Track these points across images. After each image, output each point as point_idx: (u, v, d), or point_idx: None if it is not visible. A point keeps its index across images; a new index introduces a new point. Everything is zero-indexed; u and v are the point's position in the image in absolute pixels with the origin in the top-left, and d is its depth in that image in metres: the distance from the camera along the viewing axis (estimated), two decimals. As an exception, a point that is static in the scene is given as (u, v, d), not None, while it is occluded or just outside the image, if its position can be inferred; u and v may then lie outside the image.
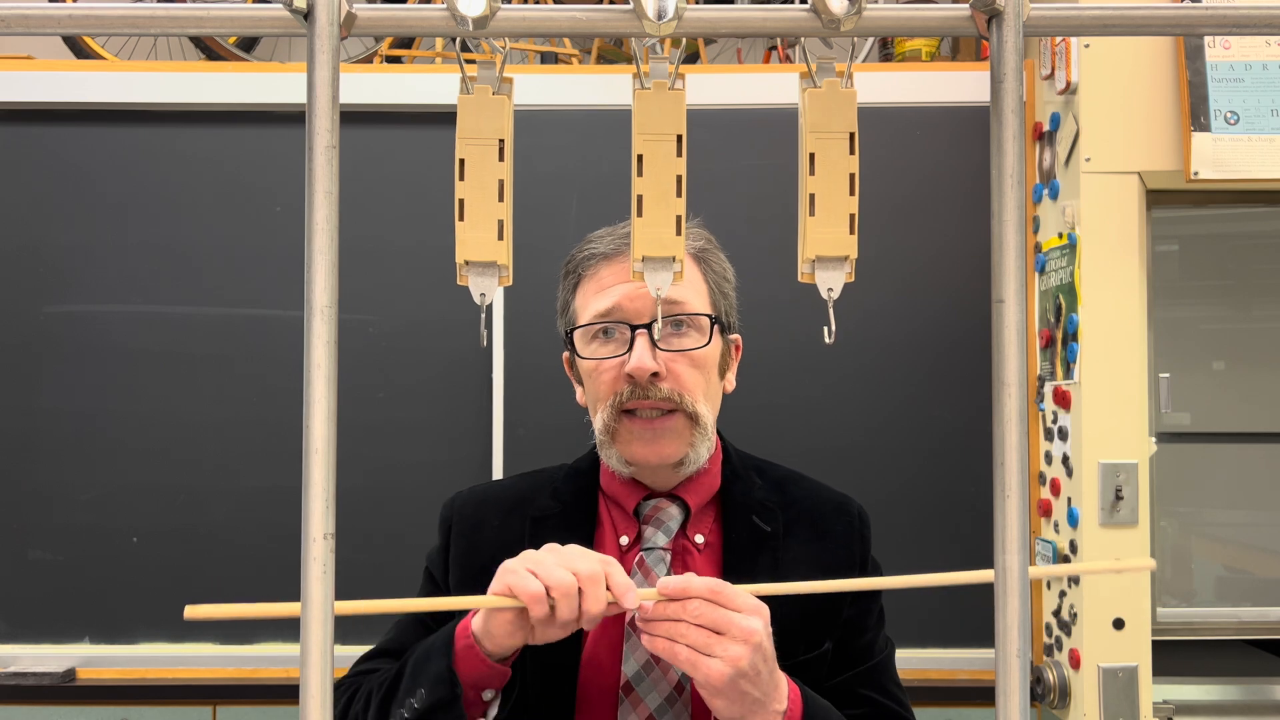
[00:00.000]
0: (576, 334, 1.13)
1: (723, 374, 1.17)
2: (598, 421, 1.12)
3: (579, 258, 1.17)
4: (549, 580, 0.90)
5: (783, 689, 0.98)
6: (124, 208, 2.17)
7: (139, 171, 2.17)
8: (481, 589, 1.06)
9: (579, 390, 1.20)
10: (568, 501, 1.17)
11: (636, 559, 1.11)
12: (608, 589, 0.91)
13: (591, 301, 1.12)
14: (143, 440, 2.14)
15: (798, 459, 1.33)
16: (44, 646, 2.12)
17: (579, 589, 0.90)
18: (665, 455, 1.09)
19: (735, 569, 1.11)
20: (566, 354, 1.21)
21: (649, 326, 1.09)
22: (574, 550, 0.94)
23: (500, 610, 0.93)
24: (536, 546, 1.10)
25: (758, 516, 1.15)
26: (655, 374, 1.07)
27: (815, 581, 0.91)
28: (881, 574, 1.21)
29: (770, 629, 0.95)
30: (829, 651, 1.13)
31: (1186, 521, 2.19)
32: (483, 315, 0.76)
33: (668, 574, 1.10)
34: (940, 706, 2.10)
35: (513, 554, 1.10)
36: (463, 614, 1.02)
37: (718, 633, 0.92)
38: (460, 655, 0.97)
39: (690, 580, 0.93)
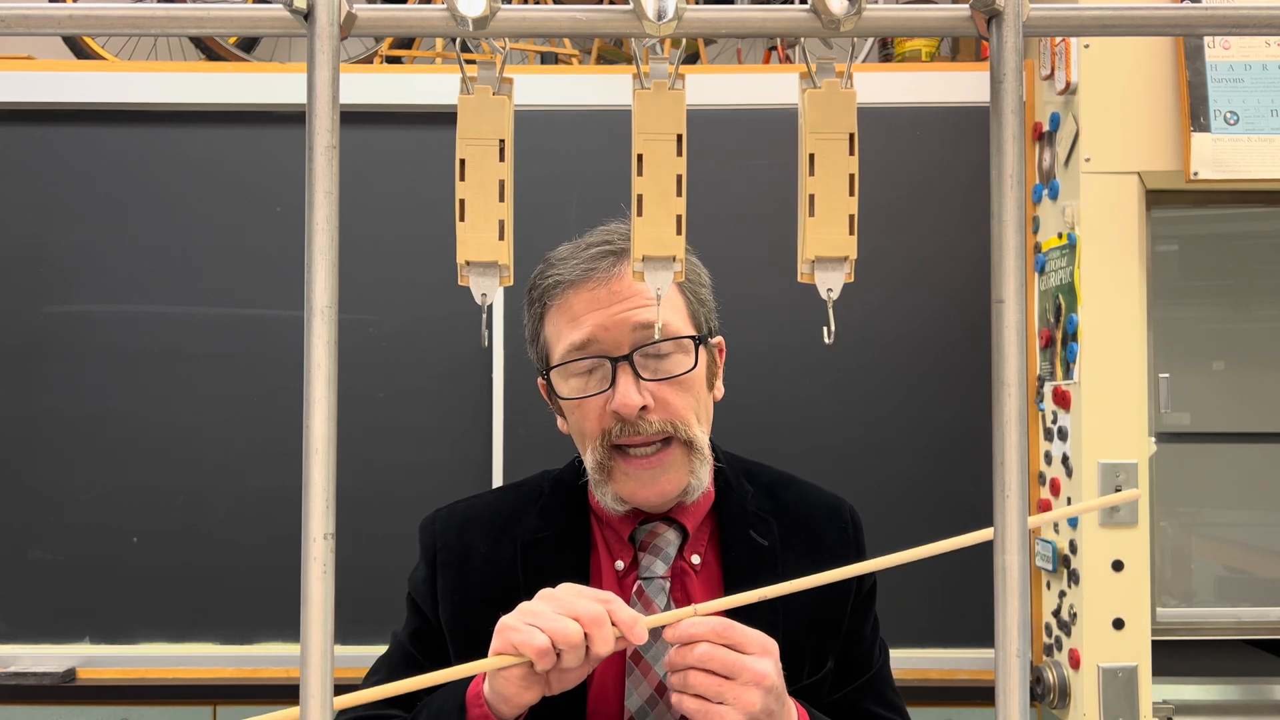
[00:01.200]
0: (553, 373, 1.07)
1: (710, 385, 1.12)
2: (589, 459, 1.06)
3: (543, 285, 1.09)
4: (552, 631, 0.85)
5: (793, 717, 0.96)
6: (124, 208, 2.17)
7: (139, 171, 2.17)
8: (476, 623, 1.01)
9: (560, 421, 1.15)
10: (558, 523, 1.11)
11: (635, 589, 1.07)
12: (613, 624, 0.87)
13: (565, 333, 1.05)
14: (143, 440, 2.14)
15: (796, 459, 1.33)
16: (44, 646, 2.12)
17: (585, 633, 0.85)
18: (667, 493, 1.05)
19: (737, 591, 1.08)
20: (542, 381, 1.14)
21: (629, 358, 1.03)
22: (570, 591, 0.89)
23: (505, 669, 0.88)
24: (529, 574, 1.06)
25: (754, 531, 1.11)
26: (643, 408, 1.02)
27: (810, 576, 0.89)
28: (873, 576, 1.18)
29: (780, 665, 0.93)
30: (831, 670, 1.11)
31: (1186, 521, 2.19)
32: (484, 315, 0.76)
33: (668, 603, 1.06)
34: (940, 706, 2.10)
35: (505, 583, 1.07)
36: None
37: (728, 678, 0.90)
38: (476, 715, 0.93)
39: (695, 625, 0.90)
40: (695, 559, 1.09)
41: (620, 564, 1.09)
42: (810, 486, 1.20)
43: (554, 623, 0.85)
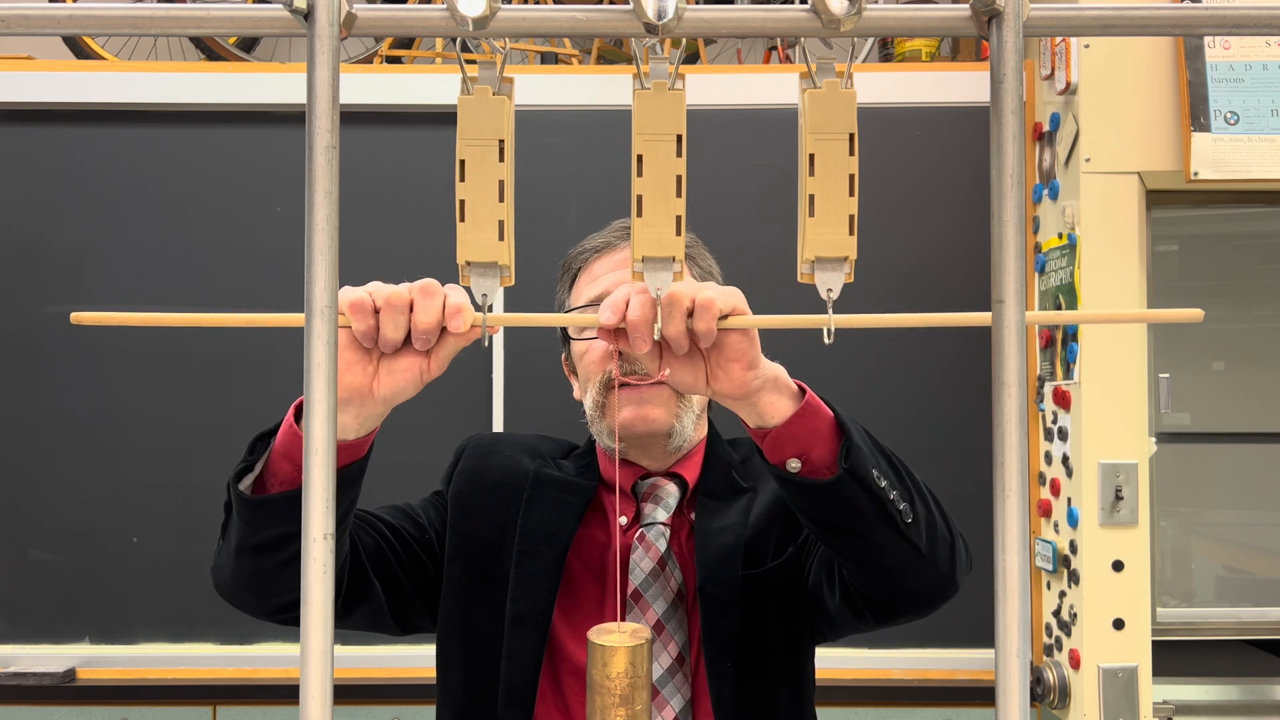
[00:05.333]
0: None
1: None
2: (589, 400, 1.14)
3: (573, 255, 1.21)
4: (378, 291, 0.83)
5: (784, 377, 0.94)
6: (124, 208, 2.17)
7: (139, 171, 2.17)
8: (479, 499, 1.16)
9: (575, 385, 1.22)
10: (572, 475, 1.19)
11: (637, 534, 1.13)
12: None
13: (585, 290, 1.16)
14: (143, 440, 2.14)
15: (797, 459, 1.33)
16: (44, 646, 2.11)
17: (410, 303, 0.82)
18: (652, 420, 1.10)
19: (709, 507, 1.14)
20: (563, 353, 1.24)
21: None
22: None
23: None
24: (536, 496, 1.15)
25: (737, 474, 1.19)
26: None
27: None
28: None
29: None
30: (792, 557, 1.14)
31: (1186, 521, 2.19)
32: (484, 316, 0.76)
33: (667, 548, 1.11)
34: (940, 706, 2.10)
35: (516, 481, 1.16)
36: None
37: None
38: (286, 421, 0.91)
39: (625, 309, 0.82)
40: (694, 516, 1.15)
41: (624, 519, 1.15)
42: None
43: (384, 288, 0.84)
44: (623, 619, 1.09)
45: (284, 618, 1.00)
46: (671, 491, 1.15)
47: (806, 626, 1.16)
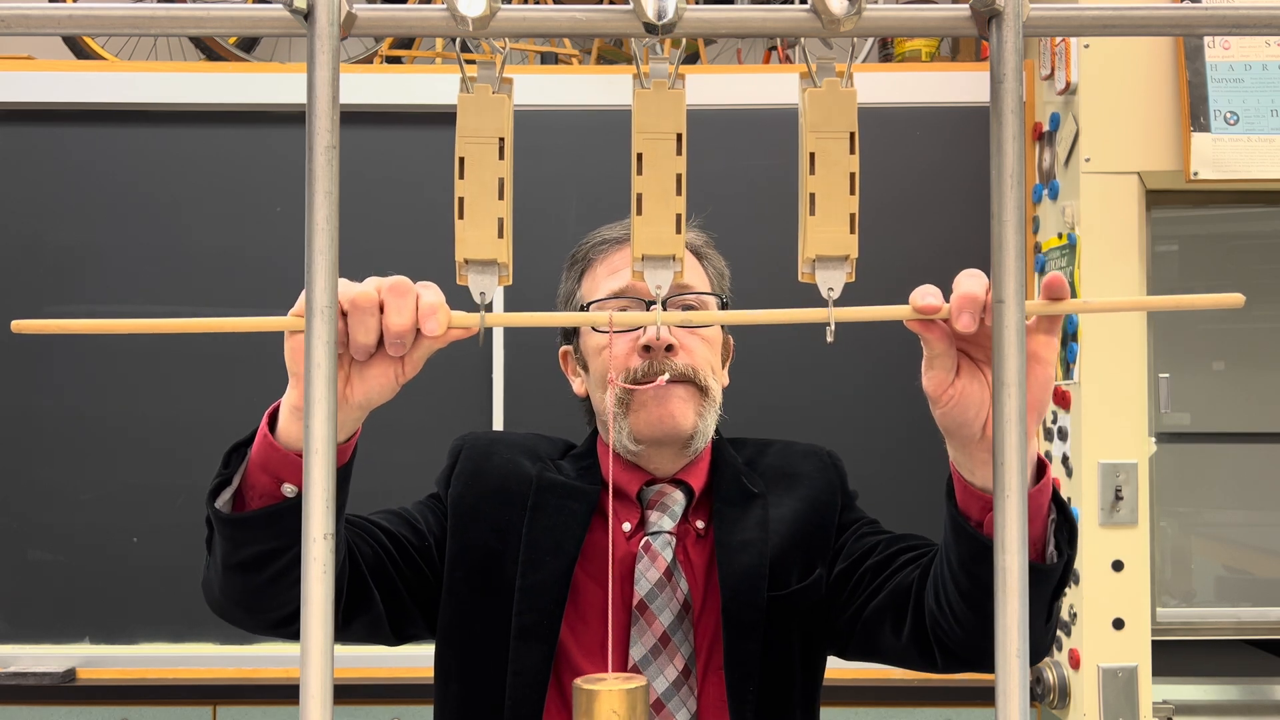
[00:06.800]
0: (590, 310, 1.12)
1: (724, 361, 1.18)
2: (610, 399, 1.09)
3: (587, 246, 1.17)
4: (344, 291, 0.77)
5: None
6: (124, 208, 2.17)
7: (139, 171, 2.17)
8: (482, 505, 1.11)
9: (576, 381, 1.19)
10: (572, 477, 1.15)
11: (642, 542, 1.10)
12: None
13: (603, 282, 1.12)
14: (143, 440, 2.14)
15: (797, 459, 1.33)
16: (44, 646, 2.11)
17: (380, 304, 0.77)
18: (677, 417, 1.07)
19: (726, 516, 1.12)
20: (565, 348, 1.21)
21: (664, 302, 1.06)
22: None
23: (298, 340, 0.80)
24: (540, 503, 1.11)
25: (745, 478, 1.17)
26: (669, 347, 1.07)
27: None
28: (856, 504, 1.21)
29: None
30: (820, 578, 1.12)
31: (1186, 521, 2.19)
32: (481, 315, 0.76)
33: (673, 558, 1.08)
34: (940, 706, 2.10)
35: (518, 486, 1.12)
36: None
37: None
38: (261, 432, 0.90)
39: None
40: (700, 524, 1.13)
41: (627, 525, 1.12)
42: (787, 442, 1.24)
43: (352, 287, 0.78)
44: (626, 629, 1.06)
45: (283, 631, 0.96)
46: (678, 499, 1.12)
47: (826, 647, 1.14)
